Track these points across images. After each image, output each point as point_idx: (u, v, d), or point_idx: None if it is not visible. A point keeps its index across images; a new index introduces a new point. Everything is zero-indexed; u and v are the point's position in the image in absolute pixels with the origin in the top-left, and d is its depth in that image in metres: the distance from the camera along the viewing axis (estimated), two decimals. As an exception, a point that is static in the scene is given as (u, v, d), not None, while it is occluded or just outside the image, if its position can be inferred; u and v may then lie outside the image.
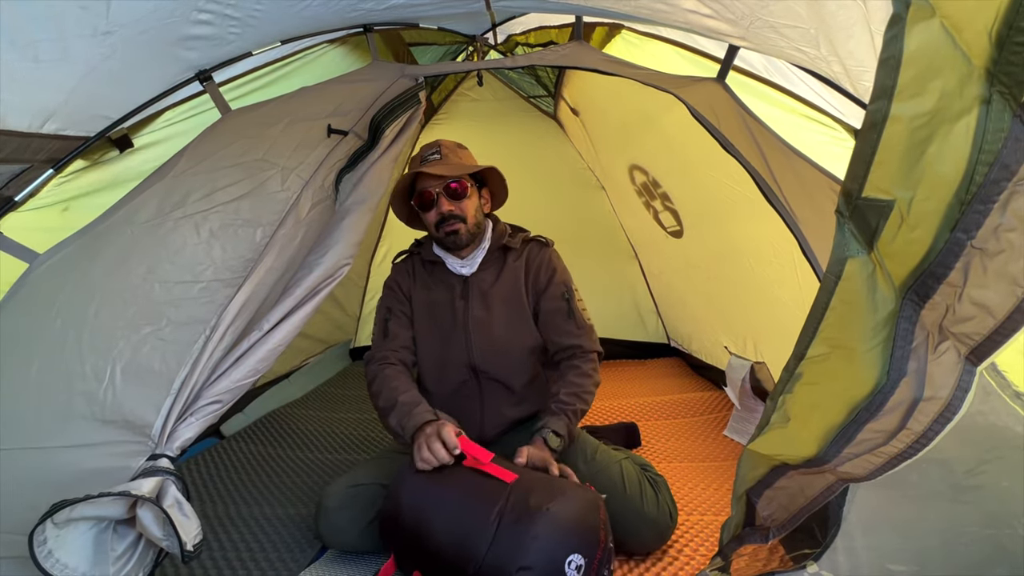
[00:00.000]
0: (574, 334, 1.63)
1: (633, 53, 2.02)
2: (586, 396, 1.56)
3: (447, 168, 1.58)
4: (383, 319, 1.71)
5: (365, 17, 1.79)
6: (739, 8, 1.31)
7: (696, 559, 1.44)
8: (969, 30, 0.59)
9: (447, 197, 1.59)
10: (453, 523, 1.22)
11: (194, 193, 1.39)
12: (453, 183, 1.58)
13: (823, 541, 0.99)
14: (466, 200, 1.61)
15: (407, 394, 1.50)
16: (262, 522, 1.69)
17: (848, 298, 0.77)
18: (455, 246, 1.63)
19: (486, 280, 1.67)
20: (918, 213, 0.68)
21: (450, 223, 1.59)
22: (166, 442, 1.19)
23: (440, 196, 1.58)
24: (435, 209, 1.59)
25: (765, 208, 1.48)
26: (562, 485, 1.26)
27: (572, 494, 1.22)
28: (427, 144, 1.67)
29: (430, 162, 1.61)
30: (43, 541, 0.99)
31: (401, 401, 1.47)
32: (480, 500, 1.22)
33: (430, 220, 1.62)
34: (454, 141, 1.70)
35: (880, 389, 0.77)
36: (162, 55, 1.38)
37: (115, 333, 1.24)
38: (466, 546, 1.17)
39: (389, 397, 1.50)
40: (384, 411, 1.50)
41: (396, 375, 1.57)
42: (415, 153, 1.69)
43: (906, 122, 0.65)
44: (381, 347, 1.66)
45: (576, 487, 1.28)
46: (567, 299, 1.66)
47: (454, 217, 1.59)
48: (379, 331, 1.70)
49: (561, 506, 1.17)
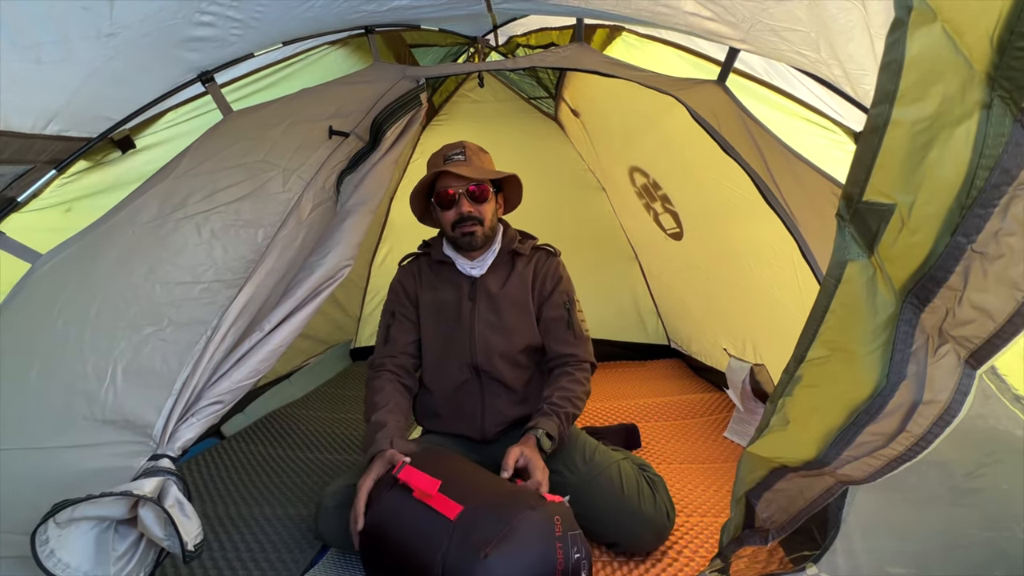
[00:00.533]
0: (571, 343, 1.66)
1: (634, 55, 2.03)
2: (577, 402, 1.57)
3: (472, 170, 1.60)
4: (386, 324, 1.74)
5: (367, 19, 1.80)
6: (740, 11, 1.31)
7: (696, 560, 1.44)
8: (970, 35, 0.60)
9: (468, 199, 1.61)
10: (404, 561, 1.19)
11: (195, 194, 1.39)
12: (475, 186, 1.60)
13: (822, 543, 0.99)
14: (485, 204, 1.64)
15: (379, 412, 1.53)
16: (262, 522, 1.69)
17: (848, 301, 0.77)
18: (469, 247, 1.66)
19: (494, 283, 1.69)
20: (919, 217, 0.68)
21: (468, 224, 1.61)
22: (167, 442, 1.19)
23: (461, 197, 1.60)
24: (455, 209, 1.61)
25: (765, 210, 1.49)
26: (511, 510, 1.15)
27: (521, 523, 1.12)
28: (451, 143, 1.69)
29: (454, 162, 1.63)
30: (45, 541, 0.99)
31: (372, 421, 1.51)
32: (424, 542, 1.16)
33: (448, 219, 1.64)
34: (477, 144, 1.72)
35: (880, 392, 0.77)
36: (164, 56, 1.38)
37: (116, 333, 1.24)
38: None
39: (367, 413, 1.56)
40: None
41: (382, 387, 1.60)
42: (436, 151, 1.70)
43: (907, 126, 0.66)
44: (380, 353, 1.70)
45: (528, 509, 1.16)
46: (568, 309, 1.70)
47: (472, 219, 1.61)
48: (381, 336, 1.73)
49: (503, 549, 1.08)
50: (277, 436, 2.42)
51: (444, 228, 1.68)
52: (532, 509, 1.16)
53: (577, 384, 1.60)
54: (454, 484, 1.23)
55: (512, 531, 1.10)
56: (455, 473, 1.29)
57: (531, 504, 1.17)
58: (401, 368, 1.66)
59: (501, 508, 1.17)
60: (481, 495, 1.22)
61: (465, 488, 1.24)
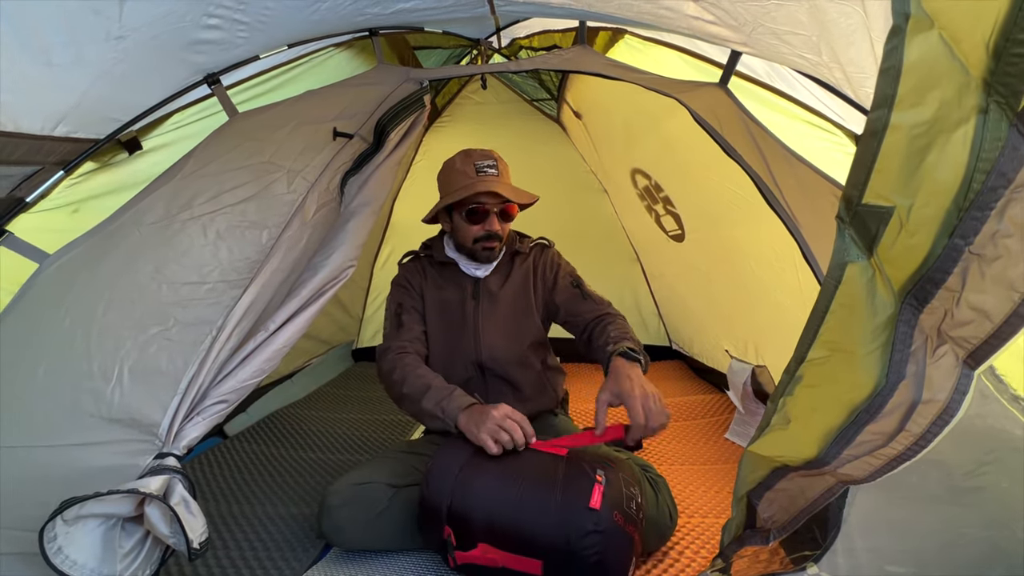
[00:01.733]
0: (596, 308, 1.68)
1: (636, 58, 2.04)
2: (631, 335, 1.54)
3: (513, 191, 1.62)
4: (395, 313, 1.72)
5: (371, 21, 1.81)
6: (741, 15, 1.32)
7: (697, 561, 1.44)
8: (967, 42, 0.61)
9: (499, 217, 1.63)
10: (518, 503, 1.26)
11: (201, 195, 1.41)
12: (510, 205, 1.63)
13: (823, 543, 1.00)
14: (509, 222, 1.68)
15: (439, 379, 1.51)
16: (265, 521, 1.70)
17: (848, 302, 0.78)
18: (486, 260, 1.69)
19: (497, 282, 1.72)
20: (917, 219, 0.69)
21: (491, 240, 1.65)
22: (173, 441, 1.20)
23: (493, 215, 1.62)
24: (483, 225, 1.63)
25: (766, 212, 1.49)
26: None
27: None
28: (480, 153, 1.67)
29: (488, 175, 1.62)
30: (53, 538, 1.00)
31: (435, 385, 1.48)
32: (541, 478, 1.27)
33: (472, 232, 1.65)
34: (498, 154, 1.72)
35: (879, 391, 0.78)
36: (172, 59, 1.40)
37: (123, 333, 1.25)
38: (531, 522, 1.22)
39: (417, 383, 1.50)
40: (412, 396, 1.49)
41: (417, 363, 1.58)
42: (461, 154, 1.68)
43: (906, 131, 0.67)
44: (396, 337, 1.66)
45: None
46: (577, 285, 1.73)
47: (496, 237, 1.65)
48: (392, 324, 1.71)
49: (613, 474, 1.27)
50: (279, 436, 2.44)
51: (461, 237, 1.68)
52: None
53: (625, 327, 1.59)
54: None
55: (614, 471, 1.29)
56: None
57: None
58: (418, 354, 1.64)
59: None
60: None
61: None
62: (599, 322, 1.65)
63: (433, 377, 1.52)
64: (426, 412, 1.47)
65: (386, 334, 1.72)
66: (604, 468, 1.29)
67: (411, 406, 1.53)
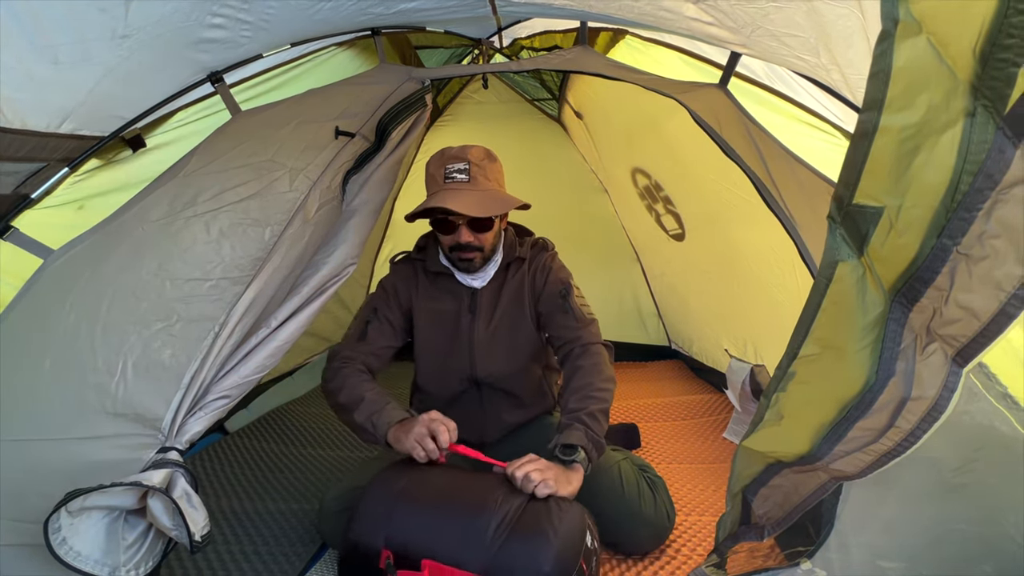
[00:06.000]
0: (572, 328, 1.58)
1: (637, 58, 2.05)
2: (596, 393, 1.46)
3: (474, 203, 1.48)
4: (364, 319, 1.64)
5: (374, 20, 1.82)
6: (740, 16, 1.33)
7: (694, 559, 1.46)
8: (954, 46, 0.62)
9: (469, 228, 1.51)
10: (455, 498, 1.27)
11: (204, 192, 1.42)
12: None
13: (816, 539, 1.02)
14: (487, 232, 1.54)
15: (373, 392, 1.47)
16: (265, 517, 1.72)
17: (839, 300, 0.80)
18: (464, 271, 1.61)
19: (494, 292, 1.64)
20: (906, 220, 0.70)
21: (466, 251, 1.54)
22: (175, 435, 1.22)
23: (462, 227, 1.51)
24: (453, 236, 1.53)
25: (765, 213, 1.51)
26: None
27: None
28: (453, 154, 1.55)
29: (456, 182, 1.50)
30: (57, 529, 1.01)
31: (368, 398, 1.44)
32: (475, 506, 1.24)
33: (446, 242, 1.56)
34: (484, 150, 1.58)
35: (869, 388, 0.79)
36: (176, 57, 1.41)
37: (127, 328, 1.26)
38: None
39: (352, 394, 1.46)
40: (346, 407, 1.46)
41: (358, 374, 1.52)
42: (436, 155, 1.59)
43: (895, 133, 0.68)
44: (352, 347, 1.60)
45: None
46: (564, 296, 1.61)
47: (472, 248, 1.54)
48: (356, 330, 1.63)
49: None
50: (280, 432, 2.45)
51: (441, 247, 1.61)
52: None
53: (590, 375, 1.49)
54: None
55: None
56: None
57: None
58: (370, 370, 1.58)
59: None
60: None
61: None
62: (568, 354, 1.57)
63: (368, 389, 1.47)
64: (358, 425, 1.44)
65: (346, 335, 1.65)
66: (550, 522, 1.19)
67: (345, 416, 1.48)
